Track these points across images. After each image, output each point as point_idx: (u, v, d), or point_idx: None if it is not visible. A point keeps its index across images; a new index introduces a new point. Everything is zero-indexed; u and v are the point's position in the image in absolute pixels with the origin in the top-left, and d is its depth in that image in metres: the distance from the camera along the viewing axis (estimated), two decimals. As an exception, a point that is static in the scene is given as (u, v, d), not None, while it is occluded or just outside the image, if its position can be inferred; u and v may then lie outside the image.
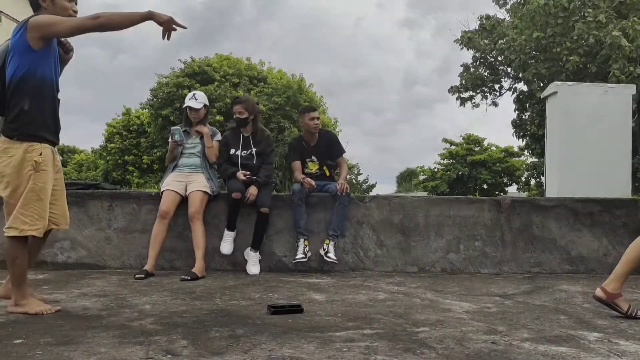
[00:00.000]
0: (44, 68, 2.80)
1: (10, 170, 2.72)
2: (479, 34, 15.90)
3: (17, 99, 2.75)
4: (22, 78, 2.75)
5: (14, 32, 2.80)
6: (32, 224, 2.74)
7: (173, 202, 4.32)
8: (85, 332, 2.42)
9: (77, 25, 2.75)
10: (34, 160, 2.73)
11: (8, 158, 2.73)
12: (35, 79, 2.77)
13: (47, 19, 2.74)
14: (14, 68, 2.76)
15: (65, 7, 2.88)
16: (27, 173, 2.72)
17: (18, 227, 2.72)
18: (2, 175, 2.75)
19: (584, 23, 11.49)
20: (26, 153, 2.73)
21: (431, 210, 4.71)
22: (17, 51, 2.76)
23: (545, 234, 4.69)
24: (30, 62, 2.75)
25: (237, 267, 4.58)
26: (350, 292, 3.61)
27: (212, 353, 2.12)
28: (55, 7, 2.85)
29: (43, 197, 2.77)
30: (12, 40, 2.79)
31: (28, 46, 2.73)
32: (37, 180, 2.74)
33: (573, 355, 2.17)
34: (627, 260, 2.95)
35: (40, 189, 2.76)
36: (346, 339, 2.35)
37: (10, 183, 2.73)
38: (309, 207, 4.59)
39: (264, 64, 17.94)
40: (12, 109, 2.76)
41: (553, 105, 7.57)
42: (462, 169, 23.41)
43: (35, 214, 2.74)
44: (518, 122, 16.22)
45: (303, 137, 4.90)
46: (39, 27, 2.72)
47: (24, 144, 2.74)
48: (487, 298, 3.48)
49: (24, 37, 2.73)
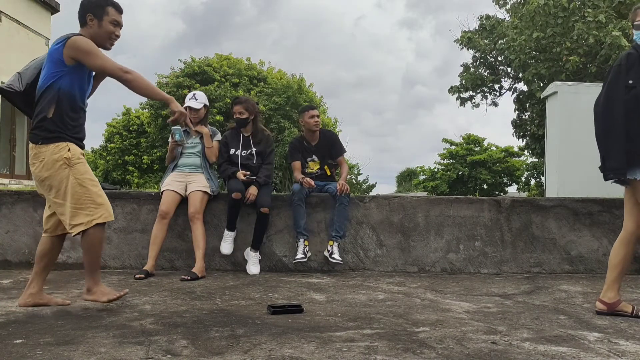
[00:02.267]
0: (71, 82, 2.84)
1: (47, 173, 2.79)
2: (479, 34, 15.89)
3: (42, 106, 2.81)
4: (49, 87, 2.81)
5: (56, 41, 2.86)
6: (92, 214, 2.79)
7: (173, 202, 4.32)
8: (85, 332, 2.43)
9: (107, 67, 2.83)
10: (65, 158, 2.78)
11: (40, 162, 2.80)
12: (61, 91, 2.81)
13: (86, 46, 2.79)
14: (45, 76, 2.83)
15: (109, 31, 2.94)
16: (63, 171, 2.78)
17: (82, 221, 2.78)
18: (42, 180, 2.81)
19: (584, 23, 11.49)
20: (54, 154, 2.78)
21: (431, 210, 4.71)
22: (51, 60, 2.82)
23: (545, 234, 4.69)
24: (59, 74, 2.80)
25: (237, 267, 4.58)
26: (350, 292, 3.61)
27: (212, 353, 2.12)
28: (100, 29, 2.91)
29: (90, 186, 2.82)
30: (51, 48, 2.85)
31: (62, 59, 2.79)
32: (76, 174, 2.80)
33: (573, 355, 2.17)
34: (612, 266, 2.97)
35: (83, 180, 2.81)
36: (346, 339, 2.35)
37: (52, 185, 2.80)
38: (309, 207, 4.59)
39: (264, 64, 17.93)
40: (37, 115, 2.83)
41: (553, 105, 7.57)
42: (462, 169, 23.41)
43: (90, 204, 2.80)
44: (518, 122, 16.21)
45: (304, 137, 4.90)
46: (76, 50, 2.78)
47: (49, 146, 2.79)
48: (487, 298, 3.48)
49: (60, 50, 2.79)
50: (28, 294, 2.95)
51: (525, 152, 20.56)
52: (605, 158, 2.89)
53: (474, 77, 16.02)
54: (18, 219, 4.57)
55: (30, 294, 2.95)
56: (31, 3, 12.70)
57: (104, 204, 2.85)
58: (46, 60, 2.86)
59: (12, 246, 4.55)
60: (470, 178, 23.41)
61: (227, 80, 16.15)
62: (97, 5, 2.90)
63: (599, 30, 11.31)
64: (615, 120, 2.84)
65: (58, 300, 3.06)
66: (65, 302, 3.05)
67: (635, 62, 2.87)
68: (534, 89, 13.23)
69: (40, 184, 2.84)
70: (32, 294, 2.96)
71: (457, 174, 23.42)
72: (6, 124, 12.33)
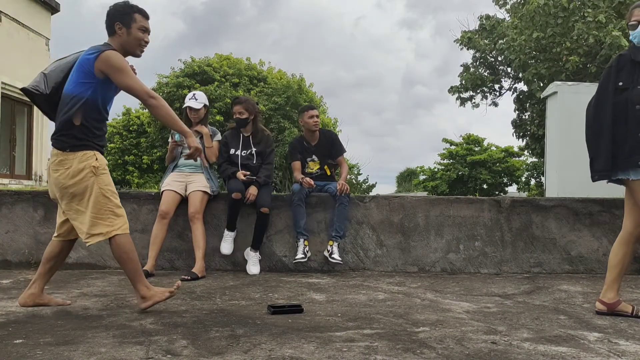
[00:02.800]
0: (99, 93, 2.85)
1: (71, 181, 2.77)
2: (479, 34, 15.88)
3: (69, 114, 2.80)
4: (76, 95, 2.80)
5: (88, 51, 2.85)
6: (112, 224, 2.80)
7: (173, 202, 4.32)
8: (85, 332, 2.42)
9: (134, 88, 2.83)
10: (92, 166, 2.78)
11: (65, 170, 2.78)
12: (88, 101, 2.81)
13: (118, 64, 2.79)
14: (73, 84, 2.82)
15: (138, 38, 2.94)
16: (89, 180, 2.77)
17: (101, 231, 2.77)
18: (65, 187, 2.79)
19: (584, 23, 11.49)
20: (81, 162, 2.77)
21: (431, 210, 4.71)
22: (81, 70, 2.81)
23: (545, 234, 4.69)
24: (88, 85, 2.80)
25: (237, 267, 4.58)
26: (350, 292, 3.61)
27: (212, 353, 2.12)
28: (129, 37, 2.92)
29: (112, 197, 2.83)
30: (82, 57, 2.83)
31: (92, 72, 2.79)
32: (101, 183, 2.80)
33: (573, 355, 2.17)
34: (611, 266, 2.98)
35: (107, 190, 2.81)
36: (346, 339, 2.35)
37: (75, 193, 2.78)
38: (309, 207, 4.59)
39: (264, 64, 17.92)
40: (64, 122, 2.81)
41: (553, 105, 7.57)
42: (462, 169, 23.40)
43: (111, 215, 2.80)
44: (518, 122, 16.21)
45: (304, 137, 4.90)
46: (107, 66, 2.78)
47: (77, 154, 2.78)
48: (487, 298, 3.48)
49: (92, 62, 2.78)
50: (29, 294, 2.95)
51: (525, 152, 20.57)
52: (593, 160, 2.95)
53: (474, 77, 16.01)
54: (18, 219, 4.57)
55: (31, 294, 2.95)
56: (31, 3, 12.69)
57: (123, 216, 2.86)
58: (75, 67, 2.84)
59: (12, 246, 4.55)
60: (470, 178, 23.40)
61: (227, 80, 16.14)
62: (124, 13, 2.91)
63: (599, 31, 11.31)
64: (603, 123, 2.87)
65: (58, 300, 3.06)
66: (65, 302, 3.05)
67: (627, 64, 2.88)
68: (534, 89, 13.22)
69: (61, 190, 2.81)
70: (32, 294, 2.95)
71: (457, 174, 23.41)
72: (6, 124, 12.33)
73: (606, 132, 2.85)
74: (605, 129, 2.86)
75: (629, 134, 2.81)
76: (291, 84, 15.98)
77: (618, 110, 2.85)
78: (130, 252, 2.82)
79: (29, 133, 12.93)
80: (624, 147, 2.83)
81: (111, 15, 2.92)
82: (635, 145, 2.80)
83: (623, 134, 2.83)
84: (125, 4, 2.95)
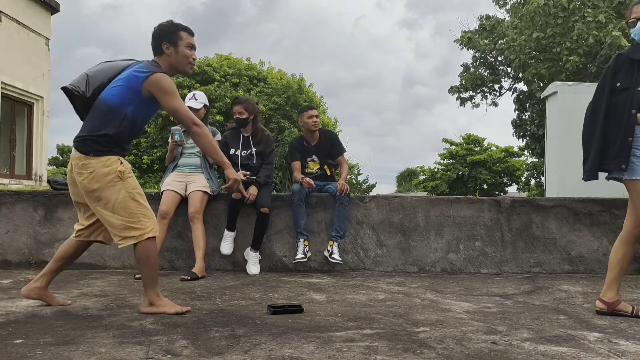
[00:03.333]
0: (140, 111, 2.85)
1: (97, 185, 2.75)
2: (478, 34, 15.89)
3: (103, 122, 2.78)
4: (117, 108, 2.79)
5: (139, 68, 2.84)
6: (144, 227, 2.79)
7: (173, 202, 4.32)
8: (85, 332, 2.42)
9: (180, 112, 2.84)
10: (119, 171, 2.77)
11: (88, 174, 2.76)
12: (128, 116, 2.81)
13: (168, 87, 2.80)
14: (117, 96, 2.80)
15: (186, 56, 2.95)
16: (115, 184, 2.76)
17: (134, 234, 2.77)
18: (90, 191, 2.78)
19: (584, 23, 11.49)
20: (105, 166, 2.76)
21: (431, 210, 4.71)
22: (128, 85, 2.80)
23: (545, 234, 4.69)
24: (130, 99, 2.80)
25: (237, 267, 4.58)
26: (350, 292, 3.61)
27: (212, 353, 2.12)
28: (177, 55, 2.93)
29: (141, 200, 2.82)
30: (131, 72, 2.82)
31: (139, 90, 2.78)
32: (128, 187, 2.79)
33: (573, 355, 2.17)
34: (611, 265, 2.98)
35: (135, 194, 2.81)
36: (346, 339, 2.35)
37: (101, 197, 2.77)
38: (309, 207, 4.60)
39: (264, 64, 17.95)
40: (96, 129, 2.79)
41: (553, 105, 7.57)
42: (462, 169, 23.41)
43: (142, 217, 2.80)
44: (518, 122, 16.22)
45: (304, 137, 4.90)
46: (157, 89, 2.78)
47: (101, 158, 2.77)
48: (487, 298, 3.48)
49: (141, 82, 2.78)
50: (34, 287, 2.95)
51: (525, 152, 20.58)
52: (584, 159, 2.97)
53: (474, 77, 16.02)
54: (18, 219, 4.57)
55: (37, 287, 2.95)
56: (31, 3, 12.69)
57: (153, 218, 2.86)
58: (123, 80, 2.82)
59: (12, 246, 4.55)
60: (470, 178, 23.41)
61: (227, 80, 16.15)
62: (170, 32, 2.92)
63: (598, 31, 11.32)
64: (596, 124, 2.89)
65: (60, 300, 3.06)
66: (65, 302, 3.05)
67: (625, 63, 2.87)
68: (534, 89, 13.23)
69: (87, 193, 2.80)
70: (38, 288, 2.95)
71: (457, 174, 23.42)
72: (6, 124, 12.33)
73: (598, 133, 2.87)
74: (598, 130, 2.87)
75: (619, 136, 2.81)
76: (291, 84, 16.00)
77: (615, 111, 2.85)
78: (152, 257, 2.82)
79: (29, 133, 12.93)
80: (613, 147, 2.83)
81: (157, 36, 2.93)
82: (622, 148, 2.80)
83: (615, 135, 2.83)
84: (170, 23, 2.97)
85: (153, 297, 2.84)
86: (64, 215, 4.58)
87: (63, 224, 4.57)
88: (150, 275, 2.83)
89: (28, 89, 12.49)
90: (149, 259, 2.80)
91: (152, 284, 2.84)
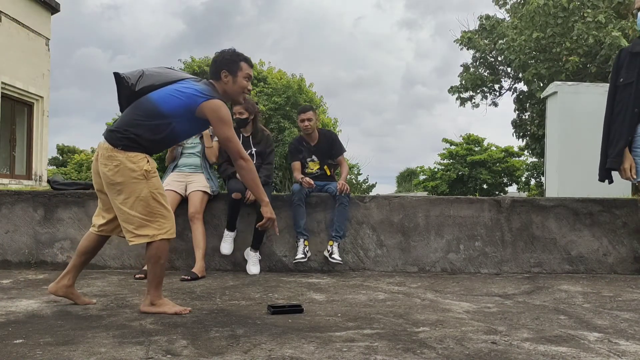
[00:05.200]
0: (187, 128, 2.86)
1: (121, 179, 2.74)
2: (478, 34, 15.89)
3: (147, 124, 2.78)
4: (166, 114, 2.77)
5: (201, 89, 2.84)
6: (161, 228, 2.80)
7: (173, 202, 4.32)
8: (85, 332, 2.42)
9: (231, 143, 2.85)
10: (145, 170, 2.76)
11: (114, 167, 2.74)
12: (174, 131, 2.82)
13: (224, 116, 2.82)
14: (169, 102, 2.79)
15: (243, 86, 2.99)
16: (139, 182, 2.75)
17: (149, 233, 2.77)
18: (113, 183, 2.76)
19: (584, 23, 11.49)
20: (132, 162, 2.75)
21: (431, 210, 4.71)
22: (186, 100, 2.79)
23: (545, 234, 4.69)
24: (182, 114, 2.80)
25: (237, 267, 4.58)
26: (350, 292, 3.61)
27: (212, 353, 2.12)
28: (234, 85, 2.97)
29: (162, 200, 2.82)
30: (191, 90, 2.81)
31: (194, 110, 2.79)
32: (152, 187, 2.78)
33: (573, 355, 2.17)
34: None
35: (157, 194, 2.80)
36: (346, 339, 2.35)
37: (122, 191, 2.76)
38: (309, 207, 4.60)
39: (264, 64, 17.95)
40: (134, 127, 2.77)
41: (553, 105, 7.57)
42: (462, 169, 23.43)
43: (160, 218, 2.80)
44: (518, 122, 16.22)
45: (303, 137, 4.90)
46: (213, 115, 2.79)
47: (128, 153, 2.76)
48: (487, 298, 3.48)
49: (197, 104, 2.78)
50: (62, 285, 2.96)
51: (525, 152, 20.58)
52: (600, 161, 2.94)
53: (473, 77, 16.02)
54: (18, 219, 4.57)
55: (64, 285, 2.97)
56: (31, 3, 12.70)
57: (172, 220, 2.86)
58: (183, 93, 2.80)
59: (12, 246, 4.55)
60: (470, 178, 23.43)
61: (227, 80, 16.12)
62: (231, 62, 2.94)
63: (598, 31, 11.32)
64: (604, 124, 2.87)
65: (85, 299, 3.08)
66: (91, 301, 3.07)
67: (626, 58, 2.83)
68: (534, 89, 13.23)
69: (108, 185, 2.79)
70: (65, 286, 2.97)
71: (457, 174, 23.44)
72: (6, 124, 12.33)
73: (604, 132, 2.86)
74: (605, 128, 2.86)
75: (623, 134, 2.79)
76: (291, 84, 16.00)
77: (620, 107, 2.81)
78: (163, 258, 2.83)
79: (29, 133, 12.93)
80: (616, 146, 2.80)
81: (219, 63, 2.95)
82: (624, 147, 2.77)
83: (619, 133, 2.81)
84: (233, 53, 2.99)
85: (155, 297, 2.85)
86: (64, 215, 4.58)
87: (63, 224, 4.57)
88: (157, 276, 2.84)
89: (28, 89, 12.50)
90: (160, 260, 2.81)
91: (157, 285, 2.85)
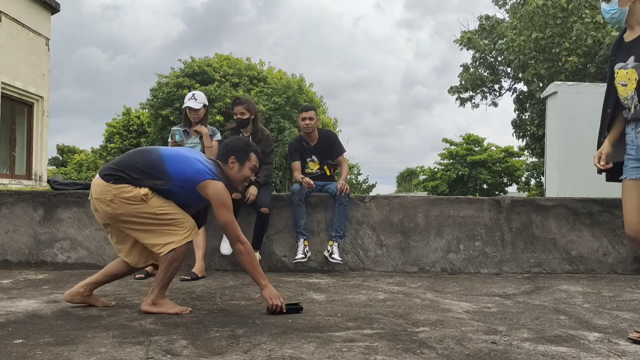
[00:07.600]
0: (183, 193, 2.86)
1: (121, 210, 2.79)
2: (478, 34, 15.90)
3: (146, 171, 2.81)
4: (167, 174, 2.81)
5: (209, 168, 2.86)
6: (178, 233, 2.82)
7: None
8: (85, 332, 2.42)
9: (228, 226, 2.87)
10: (142, 195, 2.78)
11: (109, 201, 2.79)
12: (171, 188, 2.83)
13: (225, 201, 2.84)
14: (176, 167, 2.83)
15: (246, 175, 3.02)
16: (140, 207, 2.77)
17: (173, 239, 2.80)
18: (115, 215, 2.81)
19: (582, 24, 11.51)
20: (125, 193, 2.77)
21: (431, 210, 4.71)
22: (192, 174, 2.82)
23: (545, 234, 4.69)
24: (183, 184, 2.83)
25: (237, 267, 4.58)
26: (350, 292, 3.61)
27: (212, 353, 2.12)
28: (239, 173, 3.01)
29: (170, 210, 2.83)
30: (202, 167, 2.84)
31: (196, 183, 2.81)
32: (153, 207, 2.80)
33: (573, 355, 2.17)
34: None
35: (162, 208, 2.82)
36: (346, 339, 2.35)
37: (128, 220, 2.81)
38: (309, 207, 4.59)
39: (264, 64, 17.94)
40: (130, 168, 2.81)
41: (553, 105, 7.58)
42: (462, 169, 23.42)
43: (176, 224, 2.82)
44: (518, 122, 16.23)
45: (303, 137, 4.90)
46: (215, 197, 2.82)
47: (119, 186, 2.78)
48: (487, 298, 3.48)
49: (204, 177, 2.81)
50: (78, 293, 2.97)
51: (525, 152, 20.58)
52: None
53: (473, 77, 16.03)
54: (18, 219, 4.57)
55: (80, 294, 2.98)
56: (31, 3, 12.69)
57: (187, 221, 2.87)
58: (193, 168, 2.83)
59: (12, 246, 4.55)
60: (470, 178, 23.42)
61: (227, 80, 16.14)
62: (242, 151, 2.98)
63: (597, 31, 11.34)
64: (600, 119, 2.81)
65: (104, 300, 3.09)
66: (110, 303, 3.07)
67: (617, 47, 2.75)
68: (533, 89, 13.25)
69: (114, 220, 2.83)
70: (82, 295, 2.98)
71: (457, 174, 23.43)
72: (6, 124, 12.33)
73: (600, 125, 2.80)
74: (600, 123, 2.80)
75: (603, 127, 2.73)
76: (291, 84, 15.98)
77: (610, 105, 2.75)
78: (178, 261, 2.84)
79: (29, 133, 12.93)
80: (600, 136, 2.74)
81: (229, 148, 2.98)
82: None
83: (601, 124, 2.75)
84: (246, 142, 3.06)
85: (158, 297, 2.86)
86: (64, 215, 4.58)
87: (63, 224, 4.57)
88: (166, 277, 2.85)
89: (28, 89, 12.49)
90: (174, 262, 2.82)
91: (164, 286, 2.87)
